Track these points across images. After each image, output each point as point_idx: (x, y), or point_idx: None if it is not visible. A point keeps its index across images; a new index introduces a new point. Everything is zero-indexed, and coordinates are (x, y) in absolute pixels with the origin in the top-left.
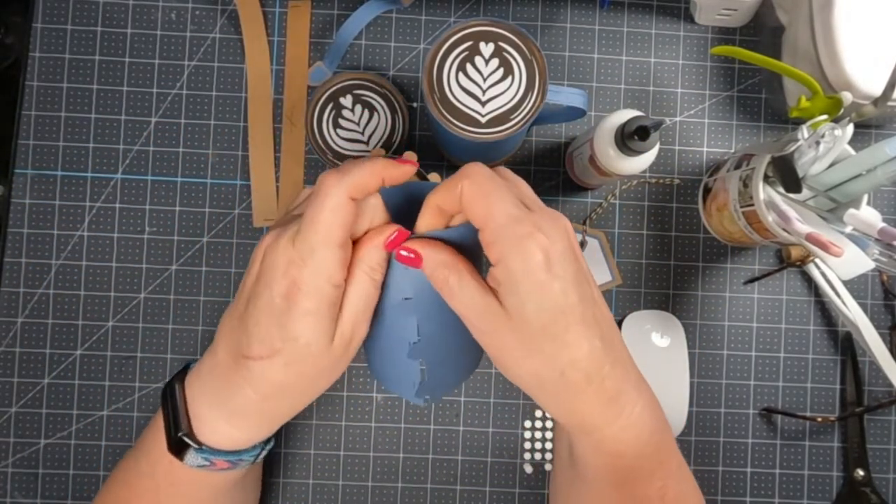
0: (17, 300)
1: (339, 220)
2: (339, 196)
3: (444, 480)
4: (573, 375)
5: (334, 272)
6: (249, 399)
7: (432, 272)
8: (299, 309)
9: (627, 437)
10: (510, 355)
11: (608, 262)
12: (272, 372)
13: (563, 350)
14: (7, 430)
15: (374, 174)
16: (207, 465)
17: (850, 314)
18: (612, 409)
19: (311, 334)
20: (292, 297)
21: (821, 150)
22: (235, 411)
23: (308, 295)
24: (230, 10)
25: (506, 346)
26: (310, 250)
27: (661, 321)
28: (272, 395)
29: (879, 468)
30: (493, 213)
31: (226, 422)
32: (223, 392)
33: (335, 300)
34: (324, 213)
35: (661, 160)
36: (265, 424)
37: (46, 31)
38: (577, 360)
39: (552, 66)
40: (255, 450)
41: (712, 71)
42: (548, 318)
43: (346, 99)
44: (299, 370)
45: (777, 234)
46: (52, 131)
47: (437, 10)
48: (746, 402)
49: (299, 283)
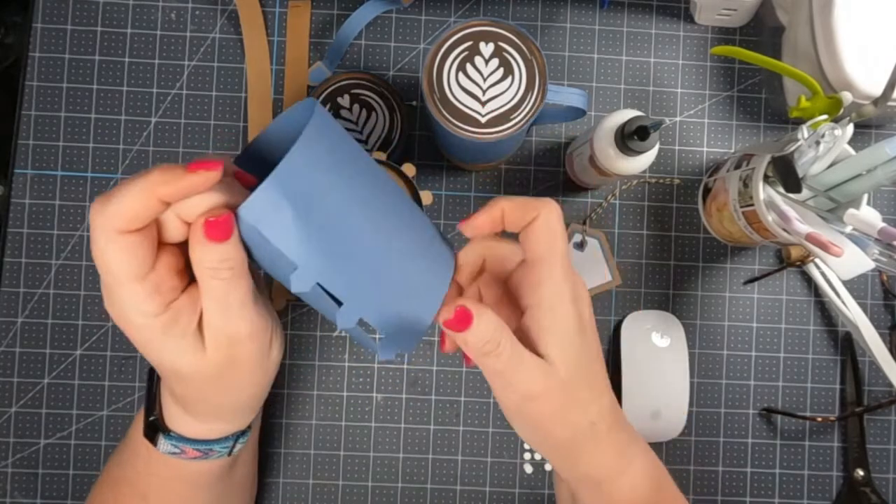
0: (17, 300)
1: (120, 260)
2: (105, 237)
3: (444, 480)
4: (600, 426)
5: (140, 306)
6: (184, 399)
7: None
8: (139, 342)
9: (635, 485)
10: (555, 415)
11: (608, 262)
12: (179, 389)
13: (596, 400)
14: (7, 430)
15: (143, 197)
16: (178, 452)
17: (850, 314)
18: (625, 458)
19: (169, 357)
20: (128, 333)
21: (821, 150)
22: (185, 408)
23: (135, 331)
24: (230, 10)
25: (553, 405)
26: (112, 292)
27: (661, 321)
28: (197, 405)
29: (879, 468)
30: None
31: (182, 410)
32: (170, 390)
33: (167, 323)
34: (102, 255)
35: (661, 160)
36: (211, 417)
37: (46, 31)
38: (603, 410)
39: (552, 66)
40: (226, 441)
41: (712, 71)
42: (586, 367)
43: (343, 99)
44: (192, 382)
45: (777, 234)
46: (52, 131)
47: (437, 10)
48: (746, 402)
49: (121, 323)
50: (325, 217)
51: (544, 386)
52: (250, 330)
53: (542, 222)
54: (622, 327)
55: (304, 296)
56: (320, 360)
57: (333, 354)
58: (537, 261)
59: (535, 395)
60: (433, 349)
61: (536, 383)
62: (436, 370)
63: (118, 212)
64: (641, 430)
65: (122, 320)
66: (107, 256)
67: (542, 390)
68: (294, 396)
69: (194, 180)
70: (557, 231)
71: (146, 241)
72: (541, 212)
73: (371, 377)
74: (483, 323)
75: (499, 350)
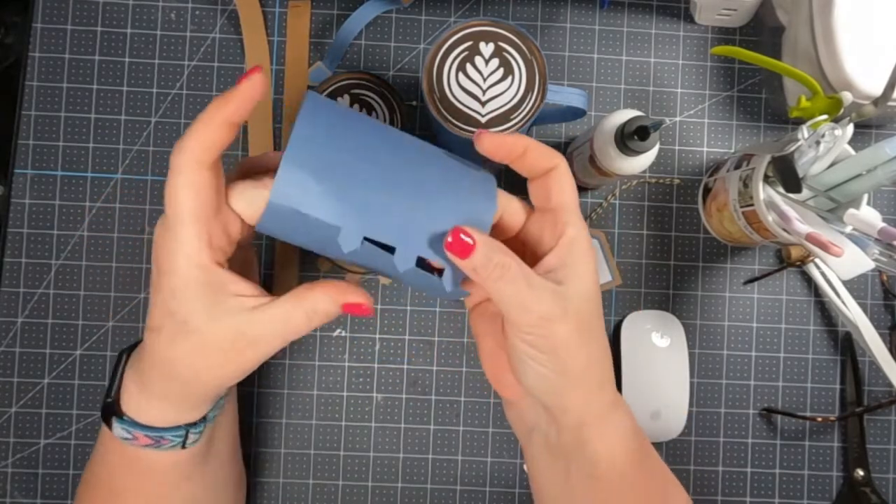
0: (17, 300)
1: (190, 194)
2: (182, 172)
3: (444, 480)
4: (601, 373)
5: (192, 253)
6: (146, 371)
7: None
8: (166, 288)
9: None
10: (573, 339)
11: (608, 262)
12: (158, 345)
13: (601, 340)
14: (7, 430)
15: (213, 124)
16: (130, 438)
17: (850, 314)
18: (611, 409)
19: (185, 310)
20: (160, 278)
21: (821, 150)
22: (143, 383)
23: (167, 273)
24: (230, 10)
25: (571, 328)
26: (169, 230)
27: (661, 321)
28: (163, 370)
29: (879, 468)
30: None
31: (139, 392)
32: (135, 362)
33: (210, 281)
34: (175, 191)
35: (661, 160)
36: (171, 402)
37: (46, 31)
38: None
39: (552, 66)
40: (177, 430)
41: (712, 71)
42: (595, 304)
43: (343, 99)
44: (184, 347)
45: (777, 234)
46: (52, 131)
47: (437, 10)
48: (746, 402)
49: (160, 264)
50: (350, 176)
51: (562, 308)
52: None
53: (564, 171)
54: (622, 327)
55: (359, 256)
56: (320, 360)
57: (333, 354)
58: (562, 206)
59: (554, 315)
60: (433, 349)
61: (554, 305)
62: (436, 370)
63: (195, 141)
64: None
65: (166, 263)
66: (179, 192)
67: (561, 312)
68: (294, 396)
69: (245, 88)
70: (573, 181)
71: (213, 186)
72: (560, 162)
73: (371, 377)
74: (486, 245)
75: (510, 272)
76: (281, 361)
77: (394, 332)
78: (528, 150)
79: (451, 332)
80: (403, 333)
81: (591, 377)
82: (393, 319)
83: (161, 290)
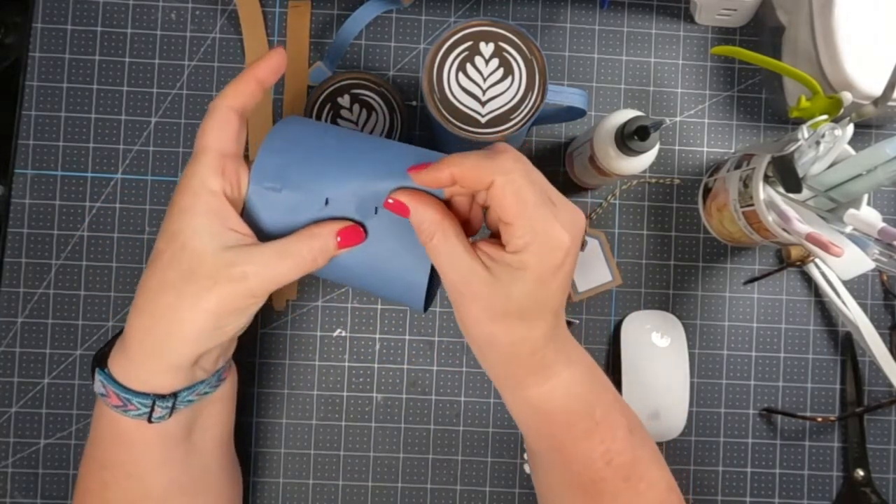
0: (17, 300)
1: (217, 128)
2: (218, 109)
3: (444, 480)
4: (522, 348)
5: (207, 176)
6: (133, 317)
7: (419, 225)
8: (176, 207)
9: (553, 397)
10: (474, 317)
11: (608, 262)
12: (153, 271)
13: (526, 329)
14: (7, 430)
15: (245, 80)
16: (104, 393)
17: (850, 314)
18: (543, 374)
19: (188, 230)
20: (174, 199)
21: (821, 150)
22: (128, 333)
23: (182, 193)
24: (230, 10)
25: (475, 310)
26: (193, 159)
27: (661, 321)
28: (149, 303)
29: (879, 468)
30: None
31: (120, 344)
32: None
33: (215, 207)
34: (204, 126)
35: (661, 160)
36: (145, 354)
37: (46, 31)
38: (531, 339)
39: (552, 66)
40: (144, 398)
41: (712, 71)
42: (531, 307)
43: (343, 98)
44: (177, 270)
45: (777, 234)
46: (52, 131)
47: (437, 10)
48: (746, 402)
49: (178, 189)
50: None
51: (470, 288)
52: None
53: (498, 187)
54: (622, 327)
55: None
56: (320, 360)
57: (333, 354)
58: (508, 222)
59: (460, 291)
60: (433, 349)
61: (464, 282)
62: (436, 370)
63: (230, 89)
64: None
65: (182, 185)
66: (207, 126)
67: (467, 291)
68: (294, 396)
69: (273, 54)
70: (518, 191)
71: (236, 130)
72: (495, 175)
73: (371, 377)
74: (418, 213)
75: (433, 241)
76: (281, 361)
77: (394, 332)
78: (456, 178)
79: (451, 332)
80: (403, 333)
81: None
82: (393, 319)
83: (171, 212)
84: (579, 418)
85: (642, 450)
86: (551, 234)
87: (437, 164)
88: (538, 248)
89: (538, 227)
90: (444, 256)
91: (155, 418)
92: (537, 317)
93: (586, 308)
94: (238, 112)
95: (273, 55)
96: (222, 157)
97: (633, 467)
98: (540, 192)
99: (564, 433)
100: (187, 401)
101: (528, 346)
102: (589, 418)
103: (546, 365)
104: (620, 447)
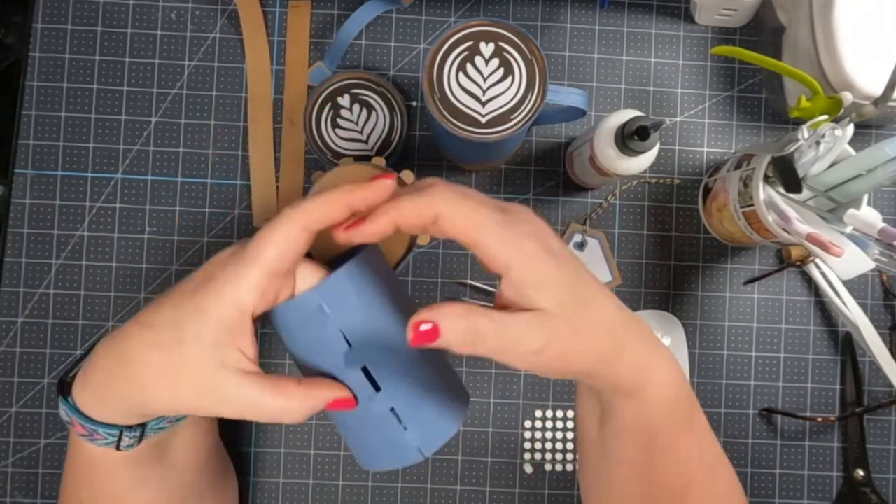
0: (17, 300)
1: (281, 245)
2: (289, 225)
3: (444, 480)
4: (617, 330)
5: (243, 292)
6: (103, 357)
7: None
8: (195, 301)
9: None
10: (572, 351)
11: (608, 262)
12: (138, 340)
13: (601, 312)
14: (7, 430)
15: (334, 204)
16: (68, 421)
17: (850, 314)
18: (647, 369)
19: (192, 330)
20: (196, 290)
21: (821, 150)
22: (93, 370)
23: (207, 291)
24: (230, 10)
25: (565, 345)
26: (240, 261)
27: (661, 321)
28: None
29: (879, 468)
30: (481, 227)
31: (84, 377)
32: (102, 347)
33: (233, 321)
34: (268, 237)
35: (661, 160)
36: (109, 397)
37: (46, 31)
38: (614, 316)
39: (552, 66)
40: (111, 429)
41: (712, 71)
42: (576, 289)
43: (343, 98)
44: (160, 357)
45: (777, 234)
46: (52, 131)
47: (437, 10)
48: (746, 403)
49: (208, 279)
50: (374, 316)
51: (547, 336)
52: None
53: (447, 218)
54: None
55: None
56: None
57: None
58: (473, 243)
59: (541, 347)
60: None
61: (537, 338)
62: None
63: (314, 207)
64: None
65: (215, 284)
66: (272, 238)
67: (546, 340)
68: None
69: (377, 186)
70: (466, 213)
71: (298, 252)
72: (438, 208)
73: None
74: (448, 323)
75: (482, 336)
76: (281, 362)
77: None
78: (399, 223)
79: None
80: None
81: (605, 362)
82: None
83: (187, 297)
84: (684, 408)
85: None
86: (515, 233)
87: (372, 216)
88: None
89: (508, 239)
90: (492, 342)
91: (123, 447)
92: (592, 294)
93: None
94: (309, 233)
95: (379, 187)
96: (271, 277)
97: (718, 466)
98: (485, 204)
99: (668, 430)
100: (157, 429)
101: (619, 323)
102: (690, 403)
103: (650, 344)
104: (710, 439)
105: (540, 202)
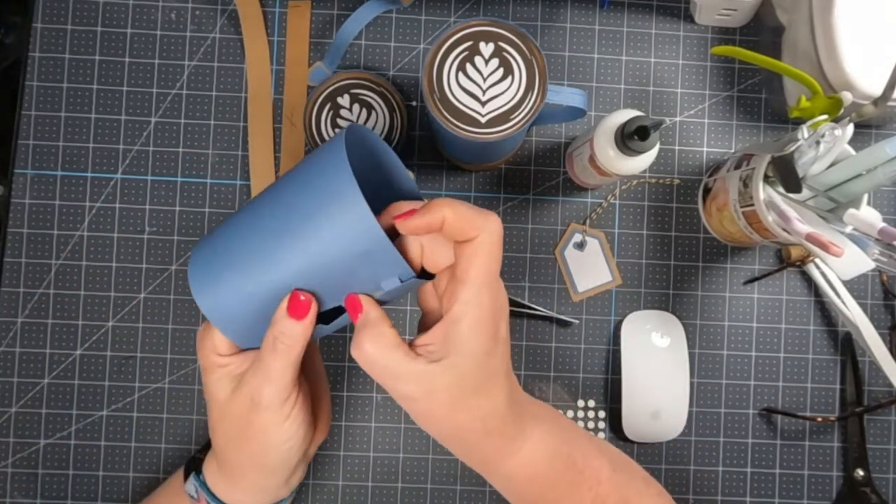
0: (17, 300)
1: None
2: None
3: (444, 480)
4: (491, 423)
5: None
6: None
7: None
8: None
9: (533, 460)
10: (438, 416)
11: (608, 262)
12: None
13: (488, 401)
14: (7, 430)
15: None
16: (195, 497)
17: (850, 314)
18: (517, 440)
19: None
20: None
21: (821, 150)
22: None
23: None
24: (230, 10)
25: (436, 406)
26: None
27: (661, 321)
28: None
29: (879, 468)
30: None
31: (216, 458)
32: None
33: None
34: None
35: (661, 160)
36: (231, 486)
37: (46, 31)
38: (495, 409)
39: (552, 66)
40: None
41: (712, 71)
42: (486, 378)
43: (343, 98)
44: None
45: (777, 234)
46: (52, 131)
47: (437, 10)
48: (746, 402)
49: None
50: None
51: (426, 388)
52: (271, 401)
53: (480, 244)
54: (622, 327)
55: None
56: None
57: (334, 355)
58: (464, 280)
59: (414, 396)
60: None
61: (417, 385)
62: None
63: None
64: (641, 430)
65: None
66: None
67: (424, 392)
68: None
69: None
70: (493, 255)
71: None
72: (482, 232)
73: (371, 377)
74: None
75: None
76: None
77: None
78: (447, 222)
79: None
80: (404, 333)
81: (469, 437)
82: (393, 319)
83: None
84: (562, 473)
85: (628, 486)
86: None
87: (427, 207)
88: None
89: (484, 294)
90: (384, 369)
91: None
92: (493, 384)
93: (586, 308)
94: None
95: None
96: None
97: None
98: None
99: (551, 492)
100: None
101: (496, 417)
102: (572, 469)
103: (518, 430)
104: (607, 489)
105: (540, 202)
